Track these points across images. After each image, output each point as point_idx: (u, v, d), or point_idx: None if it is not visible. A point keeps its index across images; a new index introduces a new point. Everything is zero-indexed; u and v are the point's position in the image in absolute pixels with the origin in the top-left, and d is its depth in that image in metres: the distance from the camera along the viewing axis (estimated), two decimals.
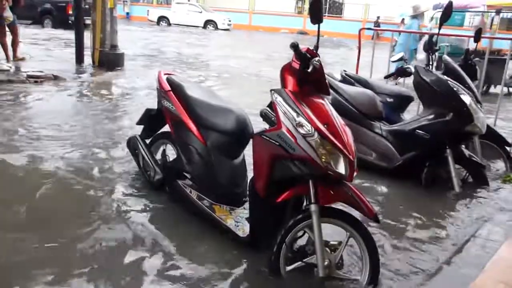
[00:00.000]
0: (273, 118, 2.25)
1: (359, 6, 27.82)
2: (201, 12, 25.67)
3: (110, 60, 7.97)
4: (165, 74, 3.15)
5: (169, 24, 25.87)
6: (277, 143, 2.11)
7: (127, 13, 28.79)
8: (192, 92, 2.85)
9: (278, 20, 28.47)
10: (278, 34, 24.98)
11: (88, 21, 8.67)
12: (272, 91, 2.21)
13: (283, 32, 27.05)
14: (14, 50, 7.86)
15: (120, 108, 5.48)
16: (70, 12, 15.02)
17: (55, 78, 6.67)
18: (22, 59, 7.86)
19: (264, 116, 2.32)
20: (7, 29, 7.56)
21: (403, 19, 23.25)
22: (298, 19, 28.93)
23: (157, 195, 3.06)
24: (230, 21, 25.74)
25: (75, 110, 5.30)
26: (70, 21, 14.58)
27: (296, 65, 2.15)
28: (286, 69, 2.22)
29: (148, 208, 2.90)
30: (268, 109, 2.32)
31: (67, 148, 3.88)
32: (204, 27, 25.08)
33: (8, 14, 6.83)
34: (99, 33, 8.10)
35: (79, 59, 8.18)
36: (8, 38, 7.67)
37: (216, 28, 24.90)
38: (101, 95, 6.09)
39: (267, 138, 2.15)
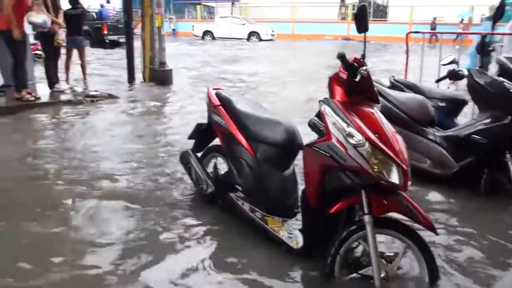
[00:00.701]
0: (321, 128, 2.25)
1: (404, 8, 27.18)
2: (244, 25, 26.04)
3: (159, 77, 8.26)
4: (214, 89, 3.22)
5: (214, 38, 26.44)
6: (328, 154, 2.11)
7: (173, 30, 29.62)
8: (241, 106, 2.91)
9: (322, 27, 28.33)
10: (322, 41, 24.87)
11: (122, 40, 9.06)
12: (321, 102, 2.22)
13: (327, 39, 26.90)
14: (83, 72, 8.31)
15: (172, 123, 5.66)
16: (105, 32, 16.63)
17: (110, 96, 6.99)
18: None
19: (312, 126, 2.32)
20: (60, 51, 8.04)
21: (462, 19, 22.54)
22: (342, 25, 28.65)
23: (210, 207, 3.14)
24: (273, 31, 25.93)
25: (130, 126, 5.53)
26: (106, 41, 16.32)
27: (343, 75, 2.15)
28: (334, 79, 2.22)
29: (201, 221, 2.97)
30: (316, 119, 2.32)
31: (123, 163, 4.06)
32: (248, 39, 25.40)
33: (60, 37, 7.14)
34: (148, 51, 8.43)
35: (130, 77, 8.53)
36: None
37: (260, 39, 25.14)
38: (153, 112, 6.32)
39: (317, 149, 2.16)
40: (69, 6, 7.81)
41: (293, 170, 2.88)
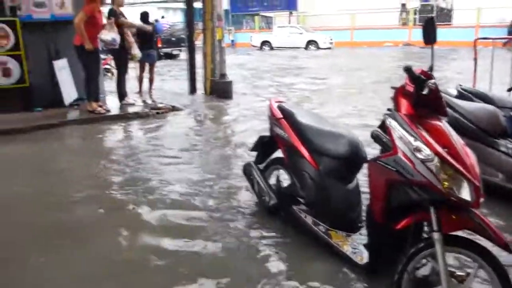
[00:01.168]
0: (384, 140, 2.22)
1: (470, 11, 25.96)
2: (302, 34, 26.07)
3: (220, 88, 8.47)
4: (276, 102, 3.27)
5: (272, 48, 26.70)
6: (394, 169, 2.07)
7: (232, 41, 30.23)
8: (303, 119, 2.92)
9: (381, 33, 27.73)
10: (382, 48, 24.32)
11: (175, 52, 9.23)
12: (386, 115, 2.19)
13: (387, 46, 26.29)
14: (150, 85, 8.76)
15: (233, 135, 5.78)
16: (160, 45, 17.26)
17: (174, 109, 7.25)
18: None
19: (375, 137, 2.30)
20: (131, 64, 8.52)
21: None
22: (403, 31, 27.89)
23: (272, 219, 3.17)
24: (331, 39, 25.73)
25: (194, 138, 5.70)
26: (161, 53, 17.16)
27: (410, 88, 2.10)
28: (399, 92, 2.19)
29: (263, 234, 3.01)
30: (379, 130, 2.29)
31: (189, 174, 4.20)
32: (306, 47, 25.39)
33: (136, 52, 7.61)
34: (210, 63, 8.68)
35: (192, 89, 8.82)
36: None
37: (318, 47, 25.05)
38: (216, 123, 6.50)
39: (383, 164, 2.12)
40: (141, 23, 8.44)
41: (357, 183, 2.84)
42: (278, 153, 3.25)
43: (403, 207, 2.13)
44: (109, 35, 6.65)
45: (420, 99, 2.08)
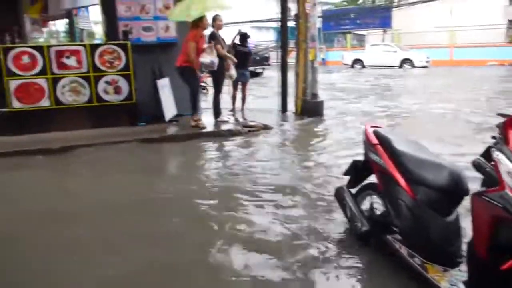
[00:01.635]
0: (487, 169, 2.11)
1: None
2: (396, 52, 25.33)
3: (311, 108, 8.51)
4: (371, 127, 3.23)
5: (363, 66, 26.27)
6: (500, 205, 1.95)
7: (323, 59, 30.24)
8: (401, 146, 2.85)
9: (484, 52, 25.96)
10: (485, 68, 22.79)
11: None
12: (492, 149, 2.08)
13: (491, 65, 24.58)
14: (242, 103, 9.20)
15: (325, 156, 5.73)
16: None
17: (265, 127, 7.43)
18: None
19: (477, 166, 2.19)
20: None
21: None
22: (510, 49, 25.89)
23: (363, 245, 3.12)
24: (428, 58, 24.69)
25: (285, 157, 5.79)
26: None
27: None
28: (508, 124, 2.07)
29: (354, 259, 2.97)
30: (481, 159, 2.18)
31: (280, 195, 4.28)
32: (400, 66, 24.61)
33: (233, 73, 8.00)
34: (301, 83, 8.77)
35: (283, 108, 8.97)
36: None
37: (413, 66, 24.15)
38: (307, 144, 6.51)
39: (488, 199, 2.02)
40: (239, 43, 8.97)
41: (457, 215, 2.70)
42: (371, 178, 3.21)
43: (511, 245, 2.00)
44: (209, 58, 7.07)
45: None
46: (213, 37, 7.54)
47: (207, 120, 7.56)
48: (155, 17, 7.65)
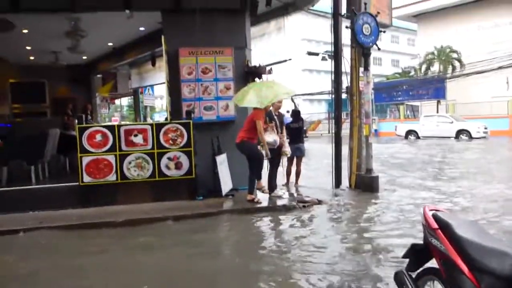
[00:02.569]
0: None
1: None
2: (452, 123, 24.94)
3: (365, 183, 8.49)
4: (430, 210, 3.24)
5: (418, 137, 25.93)
6: None
7: (375, 130, 30.24)
8: (463, 232, 2.83)
9: None
10: None
11: None
12: None
13: None
14: (297, 178, 9.39)
15: (382, 235, 5.64)
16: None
17: (319, 202, 7.48)
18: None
19: None
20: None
21: None
22: None
23: None
24: (486, 128, 24.06)
25: (340, 236, 5.76)
26: None
27: None
28: None
29: None
30: None
31: (331, 275, 4.26)
32: (456, 137, 24.09)
33: (287, 150, 8.23)
34: (355, 158, 8.85)
35: (337, 182, 9.00)
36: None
37: (470, 137, 23.55)
38: (362, 222, 6.43)
39: None
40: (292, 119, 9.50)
41: None
42: (432, 262, 3.16)
43: None
44: (271, 137, 7.50)
45: None
46: (271, 117, 7.92)
47: (262, 196, 7.71)
48: (216, 97, 8.22)
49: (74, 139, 7.42)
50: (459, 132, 24.24)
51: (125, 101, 40.44)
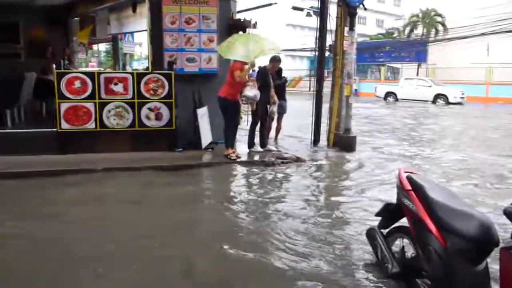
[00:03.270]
0: None
1: None
2: (430, 86, 25.22)
3: (343, 142, 8.67)
4: (405, 172, 3.37)
5: (396, 99, 26.23)
6: None
7: (355, 90, 30.36)
8: (434, 194, 2.98)
9: None
10: None
11: None
12: None
13: None
14: (276, 134, 9.49)
15: (357, 194, 5.83)
16: None
17: (298, 159, 7.62)
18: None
19: (508, 214, 2.31)
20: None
21: None
22: None
23: (393, 286, 3.23)
24: (463, 93, 24.47)
25: (317, 192, 5.94)
26: None
27: None
28: None
29: None
30: None
31: (309, 231, 4.44)
32: (434, 101, 24.46)
33: (275, 110, 8.39)
34: (335, 117, 8.97)
35: (316, 140, 9.14)
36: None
37: (447, 102, 23.96)
38: (339, 180, 6.62)
39: None
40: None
41: (486, 265, 2.79)
42: (403, 221, 3.33)
43: None
44: (252, 91, 7.42)
45: None
46: (264, 76, 7.97)
47: (242, 150, 7.79)
48: (199, 49, 8.06)
49: (52, 84, 7.25)
50: (437, 96, 24.57)
51: (102, 46, 39.18)
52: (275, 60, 8.23)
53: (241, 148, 7.99)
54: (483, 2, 31.77)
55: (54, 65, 7.38)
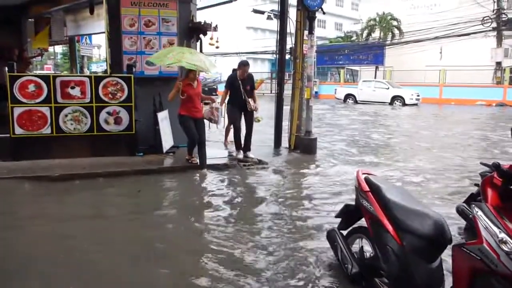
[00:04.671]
0: (470, 216, 2.34)
1: None
2: (388, 89, 26.00)
3: (304, 144, 8.77)
4: (363, 173, 3.46)
5: (356, 102, 26.83)
6: (478, 257, 2.17)
7: (316, 92, 30.81)
8: (390, 194, 3.07)
9: (473, 91, 26.80)
10: (473, 107, 23.49)
11: None
12: (473, 205, 2.32)
13: (479, 104, 25.34)
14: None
15: (317, 196, 5.90)
16: None
17: (259, 162, 7.66)
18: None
19: (460, 212, 2.42)
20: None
21: None
22: (497, 90, 26.76)
23: (353, 287, 3.30)
24: (418, 95, 25.36)
25: (276, 195, 5.98)
26: None
27: (498, 182, 2.23)
28: (487, 183, 2.31)
29: None
30: (464, 205, 2.42)
31: (269, 231, 4.47)
32: (391, 103, 25.20)
33: (259, 116, 8.18)
34: (295, 120, 9.07)
35: (277, 143, 9.22)
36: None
37: (404, 103, 24.74)
38: (300, 182, 6.71)
39: (468, 251, 2.24)
40: None
41: (440, 262, 2.91)
42: (361, 222, 3.42)
43: None
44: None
45: (508, 194, 2.19)
46: (232, 81, 7.96)
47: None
48: None
49: (4, 88, 6.97)
50: (394, 98, 25.36)
51: (59, 48, 38.00)
52: (242, 64, 8.01)
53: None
54: (436, 8, 33.09)
55: (6, 68, 7.06)
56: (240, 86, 7.90)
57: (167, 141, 7.90)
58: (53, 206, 5.31)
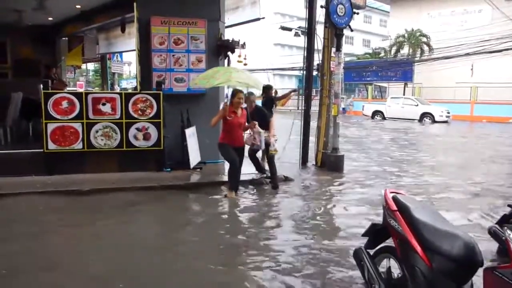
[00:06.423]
0: (503, 238, 2.26)
1: None
2: (417, 105, 25.57)
3: (331, 162, 8.70)
4: (391, 192, 3.40)
5: (384, 118, 26.51)
6: (511, 281, 2.10)
7: (343, 109, 30.71)
8: (419, 214, 3.00)
9: (506, 109, 26.02)
10: (506, 125, 22.83)
11: None
12: (505, 227, 2.25)
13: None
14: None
15: (344, 214, 5.85)
16: None
17: (286, 178, 7.64)
18: None
19: (492, 234, 2.35)
20: None
21: None
22: None
23: None
24: (448, 112, 24.83)
25: (304, 212, 5.93)
26: None
27: None
28: None
29: None
30: (497, 226, 2.34)
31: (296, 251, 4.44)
32: (420, 120, 24.78)
33: (275, 148, 7.49)
34: (322, 136, 9.03)
35: (304, 160, 9.18)
36: None
37: (433, 120, 24.28)
38: (326, 199, 6.65)
39: (500, 275, 2.17)
40: None
41: (471, 284, 2.82)
42: (389, 241, 3.35)
43: None
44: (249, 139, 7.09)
45: None
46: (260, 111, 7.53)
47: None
48: (187, 69, 8.13)
49: (39, 104, 7.23)
50: (423, 115, 24.91)
51: (91, 65, 39.24)
52: (249, 96, 7.42)
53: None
54: (469, 23, 32.59)
55: (42, 86, 7.34)
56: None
57: (195, 157, 7.99)
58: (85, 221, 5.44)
